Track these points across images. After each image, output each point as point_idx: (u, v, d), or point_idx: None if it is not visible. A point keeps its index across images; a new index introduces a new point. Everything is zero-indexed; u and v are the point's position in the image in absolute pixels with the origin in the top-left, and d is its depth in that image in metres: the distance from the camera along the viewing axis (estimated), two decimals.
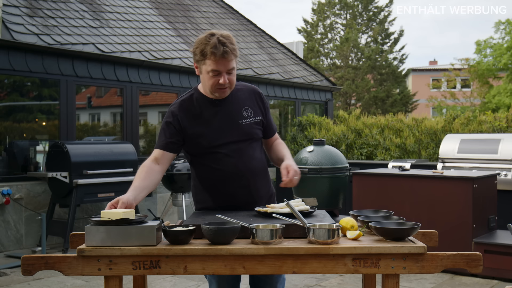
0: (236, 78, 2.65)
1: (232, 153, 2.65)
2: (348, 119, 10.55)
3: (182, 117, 2.65)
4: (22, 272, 2.12)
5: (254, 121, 2.71)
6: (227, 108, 2.68)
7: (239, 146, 2.66)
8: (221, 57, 2.49)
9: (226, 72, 2.54)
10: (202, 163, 2.70)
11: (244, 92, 2.75)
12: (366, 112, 16.43)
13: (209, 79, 2.56)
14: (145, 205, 7.91)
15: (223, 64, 2.51)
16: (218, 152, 2.65)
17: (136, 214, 2.24)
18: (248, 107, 2.72)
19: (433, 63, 37.96)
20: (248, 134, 2.68)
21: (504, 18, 30.32)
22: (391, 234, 2.18)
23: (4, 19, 6.98)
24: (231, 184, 2.66)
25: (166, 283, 5.10)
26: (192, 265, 2.11)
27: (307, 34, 28.02)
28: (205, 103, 2.68)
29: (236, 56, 2.58)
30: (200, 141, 2.64)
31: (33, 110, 7.91)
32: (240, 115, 2.68)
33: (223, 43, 2.49)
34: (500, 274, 5.03)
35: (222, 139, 2.64)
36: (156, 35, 9.34)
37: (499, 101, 23.17)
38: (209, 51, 2.49)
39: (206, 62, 2.53)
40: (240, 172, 2.65)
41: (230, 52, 2.50)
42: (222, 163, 2.65)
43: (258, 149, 2.75)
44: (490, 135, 7.22)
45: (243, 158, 2.66)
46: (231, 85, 2.61)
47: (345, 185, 4.26)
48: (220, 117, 2.66)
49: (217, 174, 2.67)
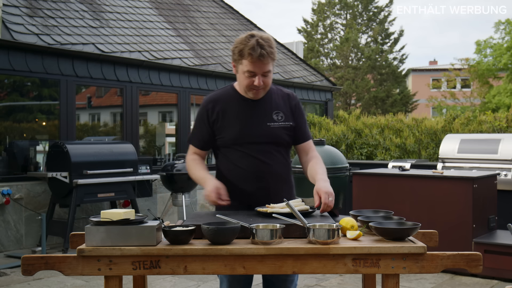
0: (272, 81, 2.66)
1: (255, 153, 2.66)
2: (348, 119, 10.55)
3: (212, 110, 2.70)
4: (22, 272, 2.12)
5: (283, 125, 2.70)
6: (259, 108, 2.69)
7: (263, 147, 2.66)
8: (257, 59, 2.51)
9: (261, 74, 2.57)
10: (225, 158, 2.73)
11: (279, 96, 2.75)
12: (366, 112, 16.44)
13: (244, 79, 2.60)
14: (145, 205, 7.91)
15: (259, 66, 2.54)
16: (241, 151, 2.67)
17: (136, 214, 2.24)
18: (280, 111, 2.71)
19: (433, 63, 37.96)
20: (274, 137, 2.67)
21: (504, 18, 30.31)
22: (391, 234, 2.18)
23: (4, 19, 6.98)
24: (250, 184, 2.67)
25: (166, 283, 5.10)
26: (192, 265, 2.11)
27: (307, 34, 28.02)
28: (238, 100, 2.70)
29: (274, 59, 2.59)
30: (225, 136, 2.68)
31: (33, 110, 7.91)
32: (270, 117, 2.69)
33: (261, 46, 2.51)
34: (500, 274, 5.03)
35: (247, 137, 2.66)
36: (156, 35, 9.34)
37: (499, 101, 23.16)
38: (247, 52, 2.52)
39: (243, 62, 2.56)
40: (260, 173, 2.66)
41: (267, 55, 2.52)
42: (243, 161, 2.67)
43: (284, 153, 2.74)
44: (490, 135, 7.22)
45: (265, 160, 2.66)
46: (265, 87, 2.63)
47: (345, 185, 4.26)
48: (250, 116, 2.68)
49: (237, 171, 2.68)
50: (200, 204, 8.89)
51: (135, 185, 7.14)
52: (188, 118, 9.08)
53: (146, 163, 7.48)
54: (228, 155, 2.71)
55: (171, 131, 9.70)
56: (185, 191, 7.43)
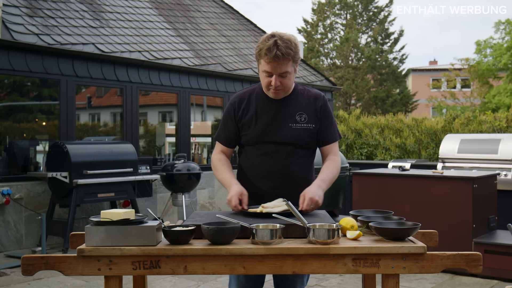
0: (292, 82, 2.63)
1: (273, 153, 2.66)
2: (348, 119, 10.56)
3: (239, 107, 2.72)
4: (22, 272, 2.12)
5: (306, 127, 2.67)
6: (282, 109, 2.68)
7: (282, 148, 2.66)
8: (272, 60, 2.51)
9: (278, 75, 2.56)
10: (246, 156, 2.75)
11: (304, 97, 2.73)
12: (366, 112, 16.44)
13: (263, 79, 2.62)
14: (145, 205, 7.91)
15: (274, 66, 2.53)
16: (261, 149, 2.68)
17: (136, 214, 2.24)
18: (303, 112, 2.69)
19: (433, 63, 37.96)
20: (295, 139, 2.66)
21: (504, 18, 30.32)
22: (391, 234, 2.18)
23: (4, 19, 6.98)
24: (265, 183, 2.68)
25: (166, 283, 5.10)
26: (192, 265, 2.11)
27: (307, 34, 28.02)
28: (263, 99, 2.71)
29: (293, 60, 2.56)
30: (247, 134, 2.70)
31: (33, 110, 7.91)
32: (293, 118, 2.67)
33: (278, 46, 2.49)
34: (500, 274, 5.03)
35: (267, 137, 2.66)
36: (156, 35, 9.34)
37: (499, 101, 23.16)
38: (264, 52, 2.53)
39: (261, 62, 2.59)
40: (276, 174, 2.66)
41: (283, 56, 2.50)
42: (261, 160, 2.68)
43: (304, 156, 2.72)
44: (490, 135, 7.22)
45: (282, 160, 2.66)
46: (284, 88, 2.61)
47: (345, 185, 4.27)
48: (273, 116, 2.67)
49: (255, 170, 2.70)
50: (200, 204, 8.90)
51: (135, 185, 7.14)
52: (188, 118, 9.08)
53: (146, 163, 7.48)
54: (249, 153, 2.73)
55: (171, 131, 9.70)
56: (185, 191, 7.43)
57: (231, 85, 9.75)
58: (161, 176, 7.41)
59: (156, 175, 7.49)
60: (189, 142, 9.13)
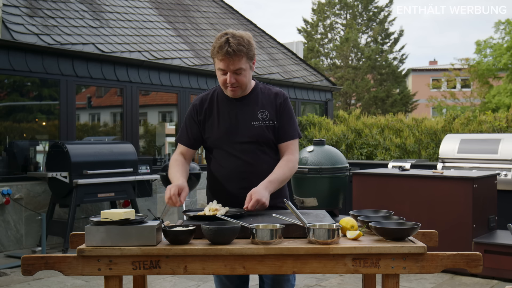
0: (248, 79, 2.62)
1: (238, 153, 2.65)
2: (348, 119, 10.55)
3: (200, 110, 2.71)
4: (22, 272, 2.12)
5: (267, 124, 2.66)
6: (243, 108, 2.68)
7: (247, 147, 2.65)
8: (225, 57, 2.51)
9: (232, 72, 2.55)
10: (213, 159, 2.75)
11: (266, 95, 2.72)
12: (366, 112, 16.44)
13: (219, 77, 2.62)
14: (145, 205, 7.91)
15: (227, 63, 2.53)
16: (225, 150, 2.67)
17: (136, 214, 2.24)
18: (265, 109, 2.68)
19: (433, 63, 37.95)
20: (258, 137, 2.65)
21: (504, 18, 30.31)
22: (391, 234, 2.18)
23: (4, 19, 6.98)
24: (232, 184, 2.67)
25: (166, 283, 5.10)
26: (192, 265, 2.11)
27: (307, 34, 28.02)
28: (223, 100, 2.71)
29: (247, 57, 2.56)
30: (211, 136, 2.69)
31: (33, 110, 7.91)
32: (255, 116, 2.67)
33: (229, 43, 2.49)
34: (500, 274, 5.03)
35: (231, 137, 2.65)
36: (156, 35, 9.34)
37: (499, 101, 23.16)
38: (216, 50, 2.54)
39: (215, 61, 2.59)
40: (243, 173, 2.65)
41: (234, 52, 2.49)
42: (227, 161, 2.67)
43: (270, 153, 2.70)
44: (490, 135, 7.22)
45: (248, 160, 2.65)
46: (240, 85, 2.60)
47: (345, 185, 4.26)
48: (234, 115, 2.67)
49: (222, 172, 2.69)
50: (200, 204, 8.89)
51: (135, 185, 7.14)
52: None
53: (146, 163, 7.48)
54: (215, 155, 2.72)
55: (171, 131, 9.70)
56: None
57: None
58: (161, 176, 7.41)
59: (156, 175, 7.49)
60: None
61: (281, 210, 2.59)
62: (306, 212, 2.62)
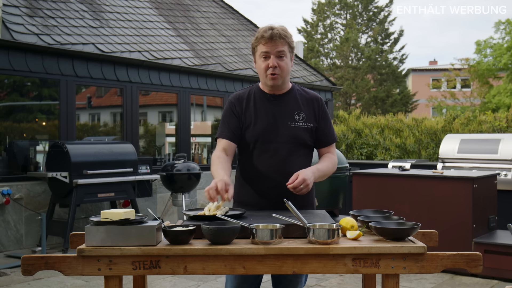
0: (288, 68, 2.66)
1: (271, 152, 2.65)
2: (348, 119, 10.56)
3: (239, 104, 2.73)
4: (22, 272, 2.12)
5: (304, 126, 2.68)
6: (280, 107, 2.69)
7: (280, 146, 2.65)
8: (269, 40, 2.60)
9: (275, 56, 2.61)
10: (245, 156, 2.73)
11: (303, 97, 2.75)
12: (366, 112, 16.44)
13: (260, 65, 2.65)
14: (145, 205, 7.91)
15: (271, 46, 2.61)
16: (259, 148, 2.67)
17: (136, 214, 2.24)
18: (301, 111, 2.70)
19: (433, 63, 37.95)
20: (293, 137, 2.66)
21: (504, 18, 30.31)
22: (391, 234, 2.18)
23: (4, 19, 6.98)
24: (263, 182, 2.67)
25: (166, 283, 5.10)
26: (192, 265, 2.11)
27: (307, 34, 28.02)
28: (260, 97, 2.72)
29: (289, 45, 2.64)
30: (245, 133, 2.69)
31: (33, 110, 7.91)
32: (291, 117, 2.68)
33: (273, 28, 2.61)
34: (500, 274, 5.03)
35: (266, 136, 2.66)
36: (156, 35, 9.34)
37: (499, 101, 23.17)
38: (260, 35, 2.63)
39: (258, 48, 2.65)
40: (274, 173, 2.64)
41: (280, 35, 2.60)
42: (259, 160, 2.67)
43: (303, 155, 2.71)
44: (490, 135, 7.22)
45: (280, 160, 2.65)
46: (281, 71, 2.63)
47: (345, 185, 4.27)
48: (270, 114, 2.68)
49: (253, 169, 2.68)
50: (200, 204, 8.89)
51: (135, 185, 7.14)
52: (188, 118, 9.08)
53: (146, 163, 7.48)
54: (248, 153, 2.71)
55: (171, 131, 9.70)
56: (185, 191, 7.43)
57: (231, 85, 9.75)
58: (161, 176, 7.41)
59: (156, 175, 7.49)
60: (189, 142, 9.13)
61: (281, 210, 2.59)
62: (306, 212, 2.62)
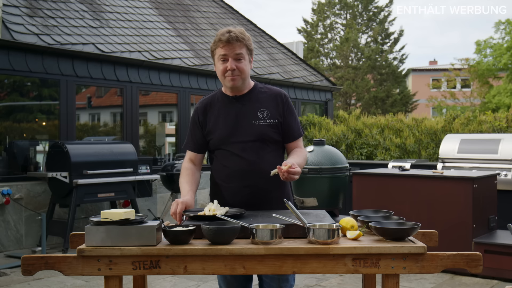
0: (247, 70, 2.70)
1: (240, 152, 2.68)
2: (348, 119, 10.55)
3: (201, 113, 2.78)
4: (22, 272, 2.12)
5: (268, 123, 2.71)
6: (243, 107, 2.73)
7: (248, 145, 2.68)
8: (227, 42, 2.62)
9: (233, 58, 2.63)
10: (215, 160, 2.79)
11: (266, 94, 2.77)
12: (366, 112, 16.44)
13: (219, 67, 2.68)
14: (145, 205, 7.91)
15: (229, 48, 2.62)
16: (227, 150, 2.71)
17: (136, 214, 2.24)
18: (265, 108, 2.73)
19: (433, 63, 37.95)
20: (259, 135, 2.69)
21: (504, 18, 30.30)
22: (391, 234, 2.18)
23: (4, 19, 6.98)
24: (235, 182, 2.69)
25: (166, 283, 5.10)
26: (192, 265, 2.11)
27: (307, 34, 28.01)
28: (224, 101, 2.76)
29: (247, 47, 2.67)
30: (212, 137, 2.74)
31: (33, 110, 7.91)
32: (255, 115, 2.71)
33: (230, 31, 2.63)
34: (500, 274, 5.03)
35: (232, 137, 2.70)
36: (156, 35, 9.34)
37: (499, 101, 23.16)
38: (218, 38, 2.65)
39: (216, 51, 2.67)
40: (245, 172, 2.67)
41: (237, 38, 2.62)
42: (229, 160, 2.70)
43: (272, 151, 2.73)
44: (490, 135, 7.22)
45: (250, 158, 2.67)
46: (240, 73, 2.66)
47: (345, 185, 4.26)
48: (234, 116, 2.72)
49: (224, 171, 2.72)
50: (200, 204, 8.90)
51: (135, 185, 7.14)
52: (188, 118, 9.07)
53: (146, 163, 7.48)
54: (218, 156, 2.77)
55: (171, 131, 9.71)
56: None
57: None
58: (161, 176, 7.41)
59: (156, 175, 7.49)
60: None
61: (281, 210, 2.59)
62: (306, 212, 2.62)
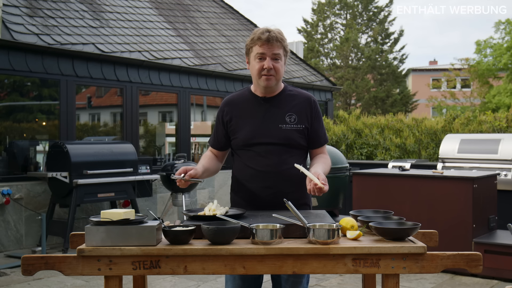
0: (282, 71, 2.69)
1: (264, 154, 2.68)
2: (348, 119, 10.55)
3: (228, 111, 2.77)
4: (22, 272, 2.12)
5: (295, 128, 2.70)
6: (272, 110, 2.71)
7: (273, 148, 2.67)
8: (266, 41, 2.61)
9: (271, 58, 2.63)
10: (238, 159, 2.78)
11: (294, 98, 2.75)
12: (366, 112, 16.43)
13: (254, 66, 2.66)
14: (145, 205, 7.91)
15: (268, 48, 2.62)
16: (252, 151, 2.70)
17: (136, 214, 2.24)
18: (293, 113, 2.71)
19: (433, 63, 37.95)
20: (285, 139, 2.68)
21: (504, 18, 30.29)
22: (391, 234, 2.18)
23: (4, 19, 6.98)
24: (256, 183, 2.68)
25: (166, 283, 5.10)
26: (192, 265, 2.11)
27: (307, 34, 28.02)
28: (252, 101, 2.75)
29: (284, 49, 2.67)
30: (238, 136, 2.73)
31: (33, 110, 7.91)
32: (282, 119, 2.70)
33: (270, 31, 2.63)
34: (500, 274, 5.03)
35: (257, 138, 2.68)
36: (156, 35, 9.34)
37: (499, 101, 23.16)
38: (257, 36, 2.63)
39: (253, 49, 2.66)
40: (267, 173, 2.66)
41: (276, 38, 2.62)
42: (253, 161, 2.69)
43: (296, 156, 2.72)
44: (490, 135, 7.22)
45: (274, 161, 2.67)
46: (276, 73, 2.65)
47: (345, 185, 4.26)
48: (262, 117, 2.71)
49: (247, 171, 2.71)
50: (200, 204, 8.89)
51: (135, 185, 7.14)
52: (188, 118, 9.07)
53: (146, 163, 7.48)
54: (241, 156, 2.75)
55: (171, 131, 9.70)
56: (185, 191, 7.42)
57: (231, 85, 9.75)
58: (161, 176, 7.41)
59: (156, 175, 7.49)
60: (189, 142, 9.13)
61: (281, 210, 2.59)
62: (306, 212, 2.62)
